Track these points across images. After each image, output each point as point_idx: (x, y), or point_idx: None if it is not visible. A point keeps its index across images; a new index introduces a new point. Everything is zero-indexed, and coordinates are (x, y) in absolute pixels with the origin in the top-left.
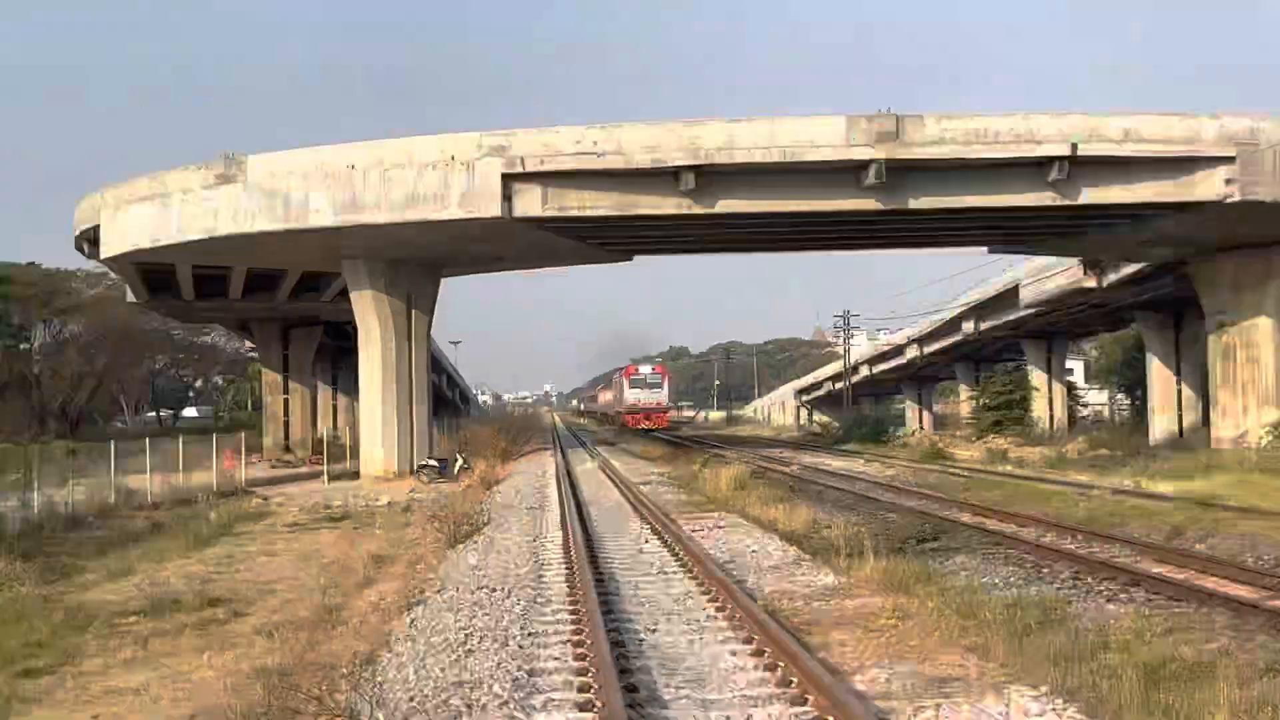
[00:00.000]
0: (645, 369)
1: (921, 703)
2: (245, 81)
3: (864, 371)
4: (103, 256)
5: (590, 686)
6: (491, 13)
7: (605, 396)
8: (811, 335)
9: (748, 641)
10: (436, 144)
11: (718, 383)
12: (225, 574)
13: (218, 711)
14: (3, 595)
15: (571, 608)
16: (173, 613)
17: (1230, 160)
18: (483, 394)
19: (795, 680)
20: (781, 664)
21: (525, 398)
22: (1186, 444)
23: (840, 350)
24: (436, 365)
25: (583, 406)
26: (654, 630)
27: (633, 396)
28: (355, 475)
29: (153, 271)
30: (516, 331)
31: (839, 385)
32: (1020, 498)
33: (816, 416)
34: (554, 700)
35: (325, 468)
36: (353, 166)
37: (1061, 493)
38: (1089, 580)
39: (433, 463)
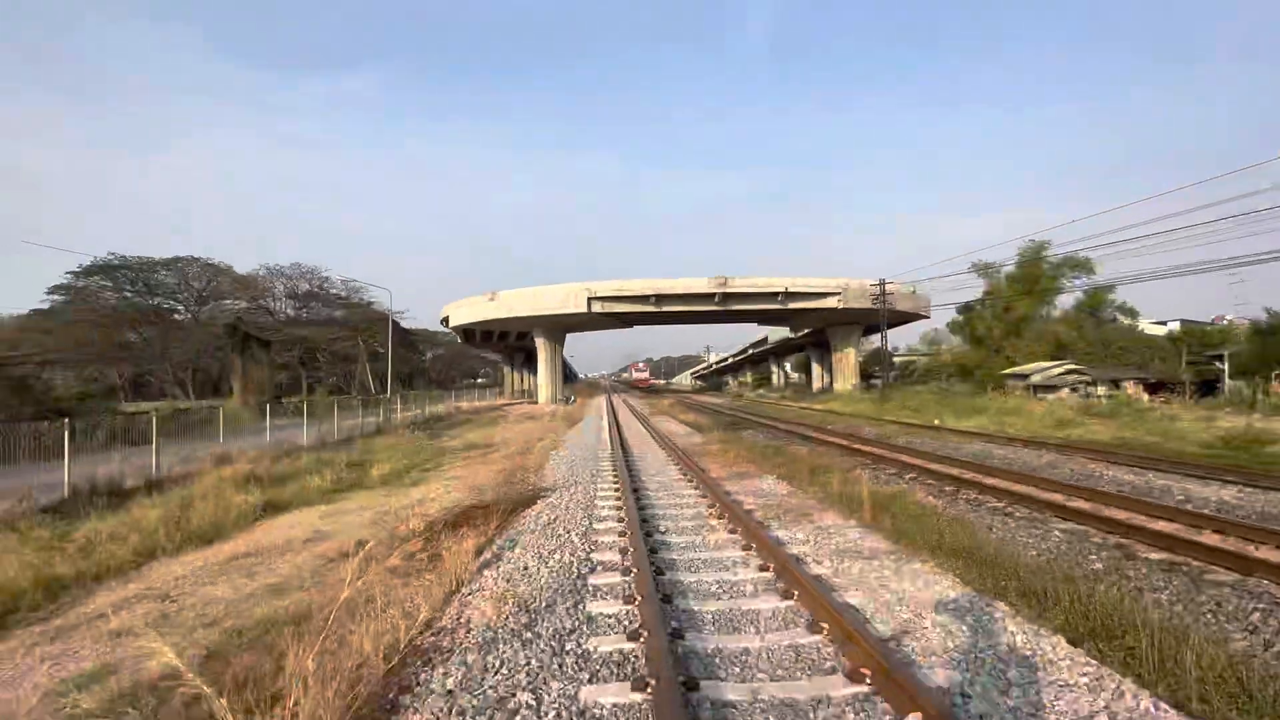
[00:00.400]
0: (641, 364)
1: (733, 481)
2: None
3: (714, 366)
4: (450, 326)
5: (618, 461)
6: None
7: (626, 375)
8: (700, 353)
9: (672, 457)
10: (566, 287)
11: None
12: (490, 436)
13: (489, 480)
14: (416, 443)
15: (611, 449)
16: (474, 449)
17: (840, 293)
18: (585, 375)
19: (689, 473)
20: (683, 465)
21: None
22: (824, 392)
23: (710, 359)
24: (565, 363)
25: (618, 379)
26: (639, 453)
27: (637, 375)
28: (535, 402)
29: (466, 332)
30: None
31: (708, 371)
32: (767, 408)
33: (700, 385)
34: (605, 467)
35: (524, 399)
36: (536, 295)
37: (781, 406)
38: (791, 436)
39: (561, 397)
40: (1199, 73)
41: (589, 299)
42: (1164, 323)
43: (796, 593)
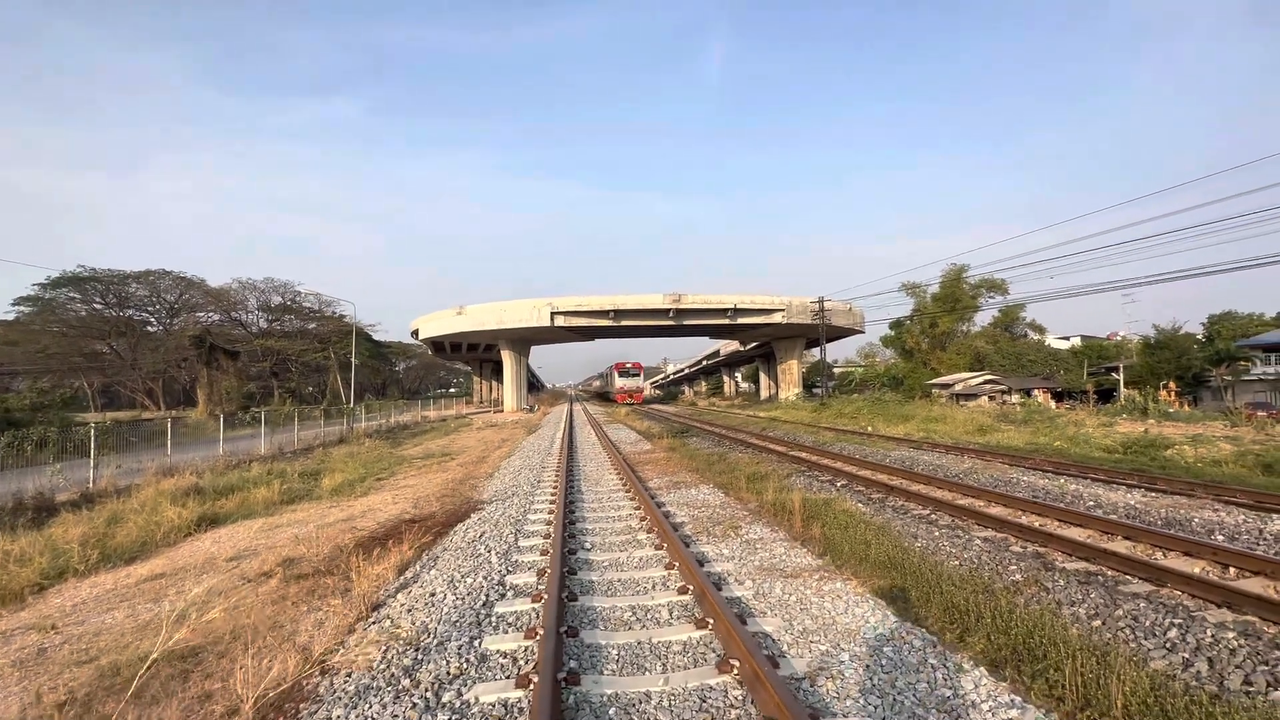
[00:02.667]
0: (629, 365)
1: (670, 491)
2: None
3: (672, 376)
4: (419, 339)
5: (562, 470)
6: None
7: (605, 383)
8: (658, 364)
9: (615, 466)
10: (530, 302)
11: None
12: (451, 444)
13: (438, 490)
14: (376, 451)
15: (559, 457)
16: (430, 458)
17: (783, 310)
18: (551, 383)
19: (629, 482)
20: (625, 475)
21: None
22: (770, 401)
23: (668, 370)
24: (529, 371)
25: (584, 389)
26: (586, 460)
27: (621, 383)
28: (501, 410)
29: (435, 344)
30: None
31: (665, 381)
32: (717, 416)
33: (658, 394)
34: (548, 477)
35: (490, 408)
36: (502, 309)
37: (729, 413)
38: (735, 444)
39: (525, 406)
40: (1088, 120)
41: (551, 313)
42: (1067, 338)
43: (711, 621)
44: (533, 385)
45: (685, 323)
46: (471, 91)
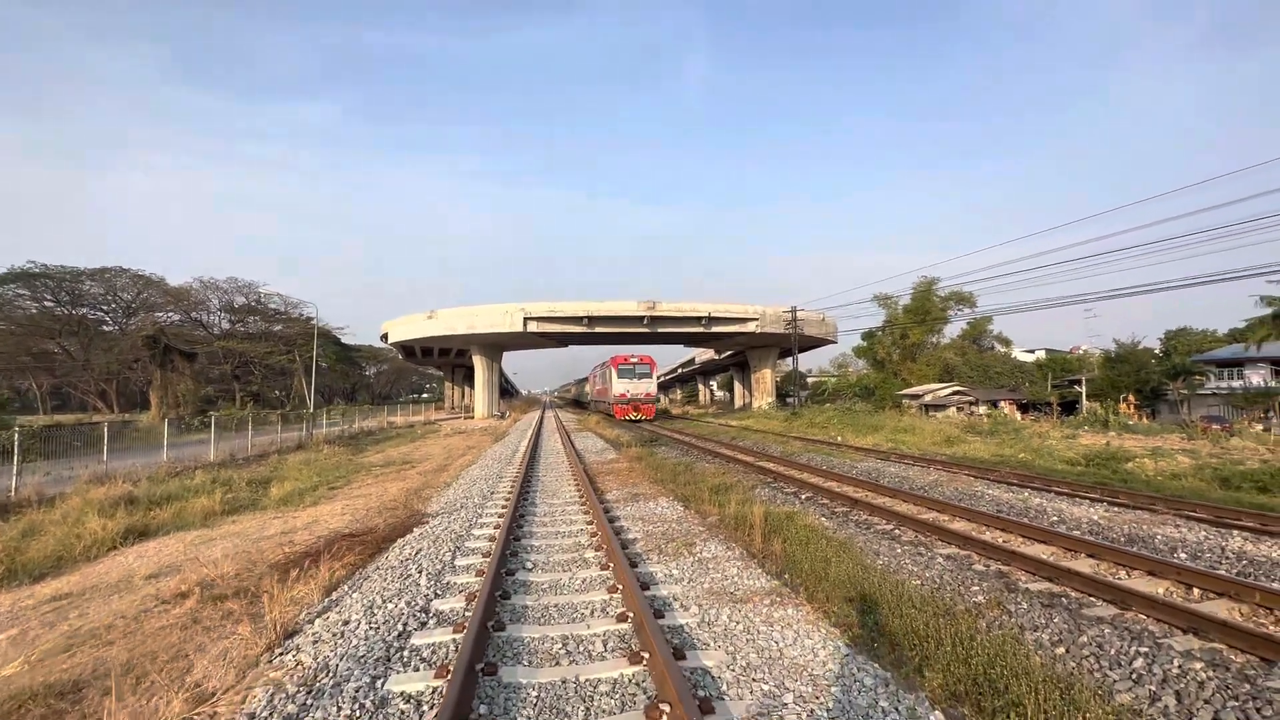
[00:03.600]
0: (635, 360)
1: (628, 504)
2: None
3: None
4: (389, 342)
5: (520, 480)
6: None
7: (594, 387)
8: None
9: (575, 476)
10: (502, 307)
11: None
12: (414, 451)
13: (390, 500)
14: (335, 459)
15: (519, 467)
16: (391, 466)
17: (757, 319)
18: (526, 390)
19: (586, 495)
20: (583, 486)
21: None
22: (744, 409)
23: None
24: (503, 377)
25: (561, 395)
26: (547, 471)
27: (621, 387)
28: (471, 417)
29: (405, 348)
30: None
31: None
32: (689, 424)
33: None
34: (504, 487)
35: (461, 414)
36: (474, 314)
37: (702, 421)
38: (703, 453)
39: (497, 412)
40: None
41: (524, 319)
42: (1032, 351)
43: (648, 656)
44: (506, 391)
45: (660, 330)
46: (449, 97)
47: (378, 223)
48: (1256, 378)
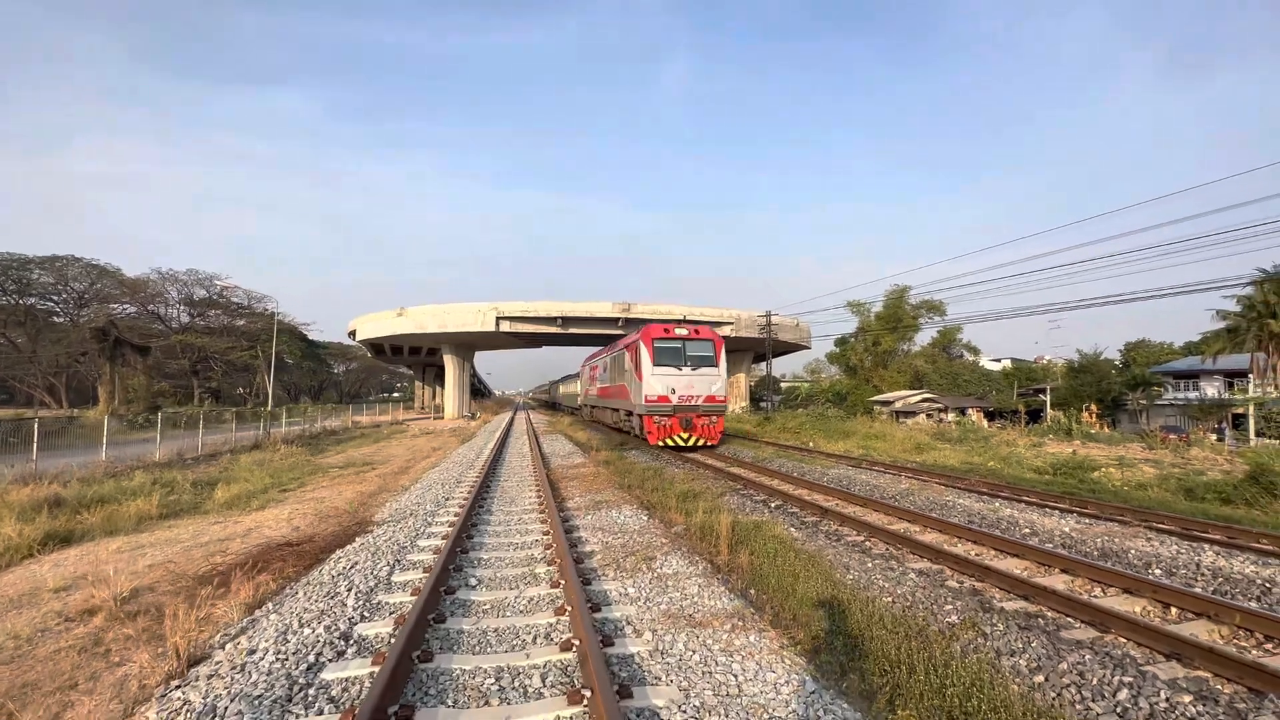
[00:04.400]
0: (683, 329)
1: (590, 512)
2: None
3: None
4: (357, 339)
5: (478, 486)
6: None
7: (594, 381)
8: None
9: (538, 481)
10: (475, 305)
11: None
12: (377, 453)
13: (342, 504)
14: (291, 459)
15: (480, 471)
16: (350, 467)
17: (732, 323)
18: (500, 390)
19: (546, 502)
20: (544, 492)
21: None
22: None
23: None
24: (476, 377)
25: (543, 396)
26: (510, 475)
27: (661, 383)
28: (441, 417)
29: (374, 346)
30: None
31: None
32: None
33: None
34: (461, 493)
35: (431, 414)
36: (445, 312)
37: None
38: (671, 458)
39: (467, 413)
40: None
41: (497, 318)
42: (999, 360)
43: (589, 694)
44: (479, 392)
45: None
46: (429, 93)
47: (354, 217)
48: (1211, 389)
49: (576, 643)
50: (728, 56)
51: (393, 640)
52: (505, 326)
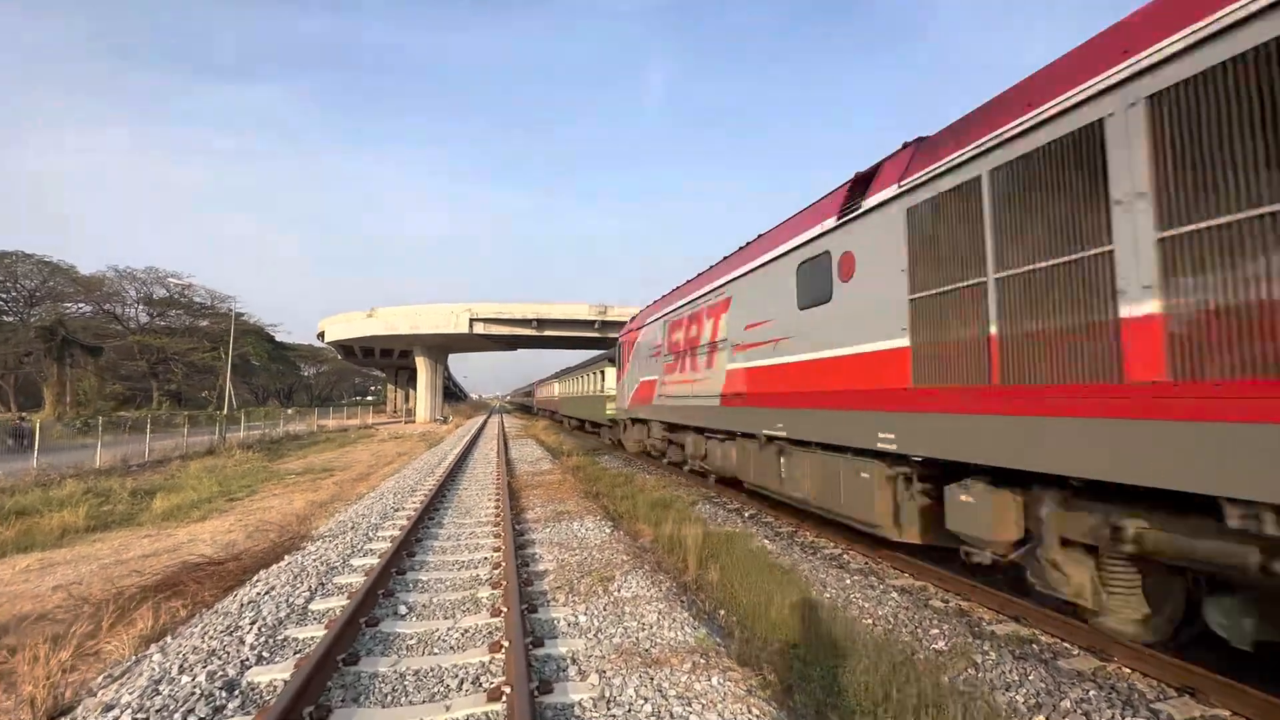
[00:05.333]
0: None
1: (550, 525)
2: None
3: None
4: (326, 341)
5: (434, 494)
6: None
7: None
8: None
9: (499, 490)
10: (448, 306)
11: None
12: (340, 458)
13: (290, 515)
14: (246, 465)
15: (439, 477)
16: (308, 474)
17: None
18: (477, 394)
19: (504, 513)
20: (503, 502)
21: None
22: None
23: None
24: (450, 380)
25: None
26: (471, 482)
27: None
28: (413, 421)
29: (344, 348)
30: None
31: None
32: None
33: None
34: (414, 503)
35: (403, 418)
36: (417, 313)
37: None
38: (647, 463)
39: (439, 417)
40: None
41: (470, 320)
42: None
43: None
44: (454, 395)
45: (612, 335)
46: (410, 93)
47: (326, 216)
48: None
49: (508, 690)
50: (704, 67)
51: (289, 686)
52: (479, 328)
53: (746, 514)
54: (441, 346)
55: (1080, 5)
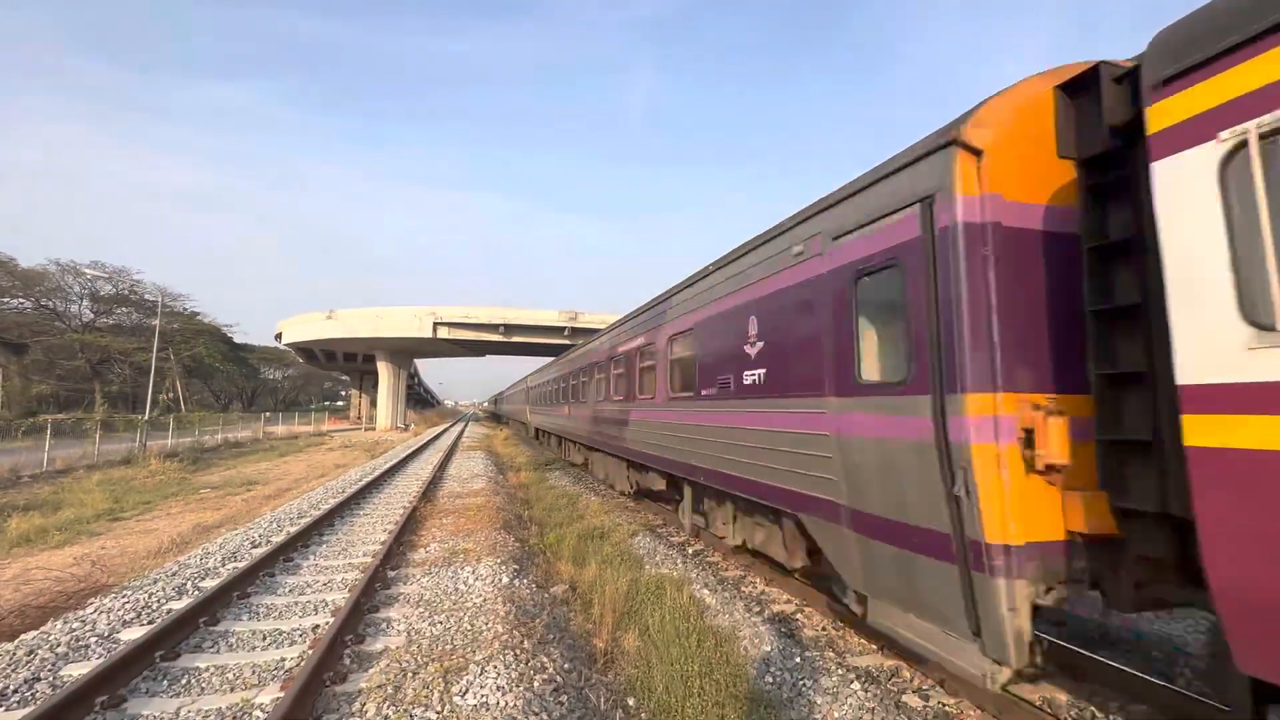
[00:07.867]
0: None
1: (432, 569)
2: None
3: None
4: (283, 343)
5: (324, 522)
6: None
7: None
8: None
9: (405, 516)
10: (411, 309)
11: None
12: (272, 469)
13: (166, 539)
14: (160, 478)
15: (349, 498)
16: (225, 487)
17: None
18: (451, 401)
19: (380, 554)
20: (402, 535)
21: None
22: None
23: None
24: (416, 384)
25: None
26: (382, 503)
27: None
28: (373, 428)
29: (304, 351)
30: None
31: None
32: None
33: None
34: (298, 527)
35: (363, 425)
36: (379, 316)
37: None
38: (599, 482)
39: (401, 424)
40: None
41: (434, 323)
42: None
43: None
44: (425, 402)
45: (581, 342)
46: (391, 94)
47: (292, 216)
48: None
49: None
50: (688, 76)
51: None
52: (444, 333)
53: (690, 550)
54: (405, 351)
55: (1053, 14)
